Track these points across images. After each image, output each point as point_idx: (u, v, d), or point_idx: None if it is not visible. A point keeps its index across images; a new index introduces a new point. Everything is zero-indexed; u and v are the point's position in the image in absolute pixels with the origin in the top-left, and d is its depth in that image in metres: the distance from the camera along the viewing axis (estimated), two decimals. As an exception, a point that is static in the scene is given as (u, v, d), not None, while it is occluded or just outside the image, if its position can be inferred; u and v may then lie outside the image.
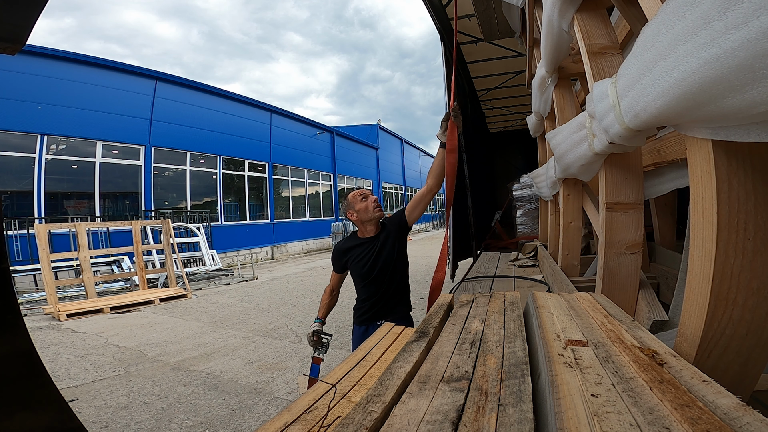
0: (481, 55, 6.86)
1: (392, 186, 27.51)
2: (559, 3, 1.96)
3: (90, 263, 7.58)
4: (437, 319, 1.32)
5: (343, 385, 1.12)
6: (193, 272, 9.99)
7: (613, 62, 1.74)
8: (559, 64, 2.84)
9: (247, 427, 2.82)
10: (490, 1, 4.75)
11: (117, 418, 3.00)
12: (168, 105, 11.87)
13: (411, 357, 0.98)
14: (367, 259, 2.17)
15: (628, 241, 1.69)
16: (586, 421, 0.62)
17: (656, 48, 0.89)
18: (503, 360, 0.93)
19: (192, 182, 12.60)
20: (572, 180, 2.79)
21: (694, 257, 1.00)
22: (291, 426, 0.92)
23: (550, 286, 2.98)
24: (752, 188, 0.88)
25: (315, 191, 19.25)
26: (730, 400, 0.65)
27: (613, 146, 1.50)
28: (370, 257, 2.16)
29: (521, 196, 7.12)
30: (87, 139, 9.93)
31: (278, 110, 16.62)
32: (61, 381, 3.74)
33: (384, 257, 2.16)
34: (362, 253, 2.18)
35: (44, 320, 6.20)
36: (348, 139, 22.13)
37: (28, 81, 8.85)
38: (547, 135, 2.89)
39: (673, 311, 1.63)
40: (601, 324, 1.11)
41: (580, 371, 0.80)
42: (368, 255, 2.17)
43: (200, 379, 3.69)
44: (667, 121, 1.09)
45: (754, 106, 0.63)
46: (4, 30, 0.79)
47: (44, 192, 9.13)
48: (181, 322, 5.87)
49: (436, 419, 0.69)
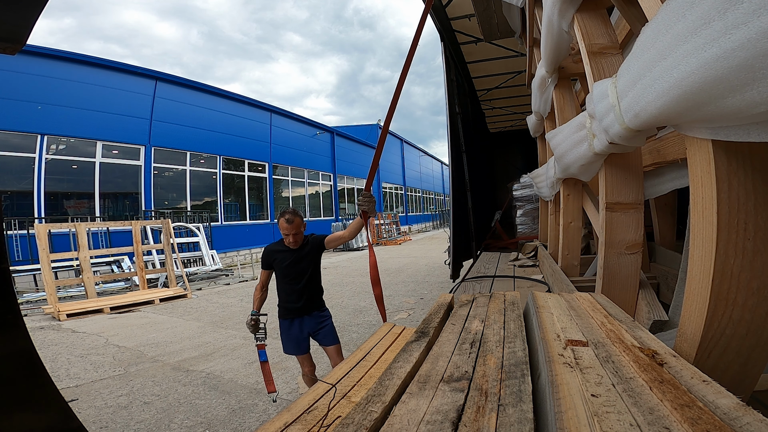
0: (481, 55, 6.86)
1: (392, 186, 27.51)
2: (559, 3, 1.96)
3: (90, 263, 7.58)
4: (437, 319, 1.32)
5: (343, 385, 1.12)
6: (193, 272, 9.99)
7: (613, 62, 1.74)
8: (559, 64, 2.84)
9: (247, 427, 2.82)
10: (490, 1, 4.74)
11: (117, 418, 3.00)
12: (168, 105, 11.87)
13: (411, 357, 0.98)
14: (289, 263, 2.71)
15: (628, 241, 1.69)
16: (586, 421, 0.62)
17: (656, 48, 0.89)
18: (503, 360, 0.93)
19: (192, 182, 12.61)
20: (572, 180, 2.79)
21: (694, 257, 1.00)
22: (291, 426, 0.92)
23: (550, 286, 2.98)
24: (752, 188, 0.88)
25: (315, 191, 19.26)
26: (730, 400, 0.65)
27: (613, 146, 1.50)
28: (291, 262, 2.71)
29: (521, 196, 7.12)
30: (87, 139, 9.94)
31: (278, 110, 16.63)
32: (61, 381, 3.74)
33: (302, 265, 2.73)
34: (285, 258, 2.73)
35: (44, 320, 6.20)
36: (348, 139, 22.14)
37: (28, 81, 8.85)
38: (547, 135, 2.89)
39: (673, 311, 1.63)
40: (601, 324, 1.11)
41: (580, 371, 0.81)
42: (290, 260, 2.72)
43: (200, 379, 3.69)
44: (667, 121, 1.09)
45: (754, 106, 0.63)
46: (4, 30, 0.79)
47: (44, 192, 9.13)
48: (181, 322, 5.87)
49: (436, 419, 0.69)
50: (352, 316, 5.73)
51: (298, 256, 2.73)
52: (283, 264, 2.74)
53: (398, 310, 5.92)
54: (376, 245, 18.42)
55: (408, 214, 29.13)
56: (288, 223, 2.68)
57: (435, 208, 35.83)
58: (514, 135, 10.57)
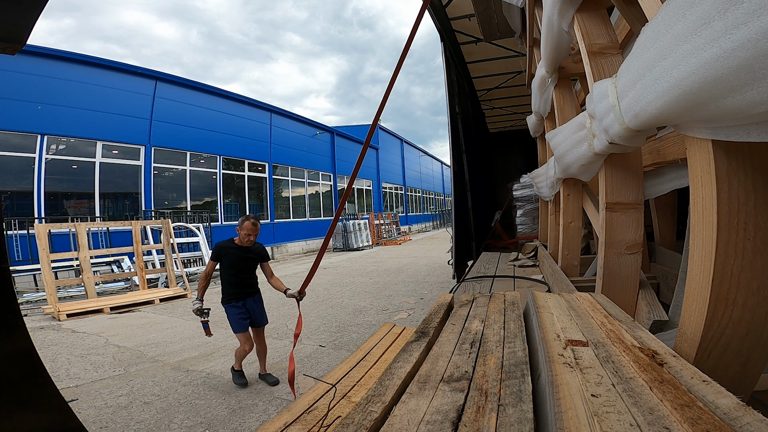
0: (481, 55, 6.86)
1: (392, 186, 27.50)
2: (559, 3, 1.96)
3: (90, 263, 7.57)
4: (437, 319, 1.32)
5: (343, 385, 1.12)
6: (193, 272, 9.98)
7: (613, 62, 1.74)
8: (559, 64, 2.84)
9: (247, 427, 2.82)
10: (490, 1, 4.75)
11: (117, 418, 3.00)
12: (168, 105, 11.87)
13: (411, 357, 0.98)
14: (238, 258, 3.39)
15: (628, 241, 1.69)
16: (586, 421, 0.62)
17: (656, 48, 0.89)
18: (503, 360, 0.93)
19: (192, 182, 12.60)
20: (572, 180, 2.79)
21: (694, 257, 1.00)
22: (291, 426, 0.92)
23: (550, 286, 2.98)
24: (752, 188, 0.88)
25: (315, 191, 19.26)
26: (730, 400, 0.65)
27: (613, 146, 1.50)
28: (240, 258, 3.40)
29: (521, 196, 7.12)
30: (87, 139, 9.93)
31: (278, 110, 16.62)
32: (61, 381, 3.74)
33: (247, 261, 3.45)
34: (236, 254, 3.39)
35: (44, 320, 6.20)
36: (348, 139, 22.13)
37: (28, 81, 8.84)
38: (547, 135, 2.90)
39: (673, 311, 1.63)
40: (601, 324, 1.11)
41: (580, 371, 0.81)
42: (239, 256, 3.40)
43: (200, 379, 3.69)
44: (667, 121, 1.09)
45: (754, 106, 0.63)
46: (4, 30, 0.79)
47: (44, 192, 9.12)
48: (181, 322, 5.87)
49: (436, 419, 0.69)
50: (352, 316, 5.73)
51: (248, 254, 3.43)
52: (234, 258, 3.37)
53: (398, 310, 5.92)
54: (376, 245, 18.42)
55: (408, 214, 29.14)
56: (253, 227, 3.35)
57: (435, 208, 35.83)
58: (514, 135, 10.57)
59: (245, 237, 3.35)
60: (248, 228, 3.33)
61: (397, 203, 28.23)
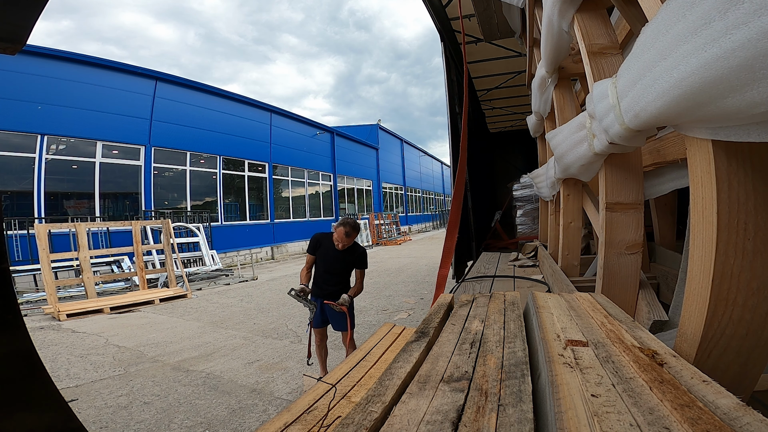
0: (481, 55, 6.86)
1: (392, 186, 27.49)
2: (559, 3, 1.96)
3: (90, 263, 7.57)
4: (437, 319, 1.32)
5: (343, 385, 1.12)
6: (193, 272, 9.98)
7: (613, 62, 1.74)
8: (559, 64, 2.84)
9: (247, 427, 2.82)
10: (490, 1, 4.75)
11: (117, 418, 3.00)
12: (168, 105, 11.86)
13: (411, 357, 0.98)
14: (333, 256, 3.24)
15: (628, 241, 1.69)
16: (586, 421, 0.62)
17: (656, 48, 0.89)
18: (503, 360, 0.93)
19: (192, 182, 12.60)
20: (572, 180, 2.79)
21: (694, 257, 1.00)
22: (291, 426, 0.92)
23: (550, 286, 2.98)
24: (752, 188, 0.88)
25: (315, 191, 19.25)
26: (730, 400, 0.65)
27: (613, 146, 1.50)
28: (335, 256, 3.24)
29: (521, 196, 7.12)
30: (87, 139, 9.93)
31: (278, 110, 16.61)
32: (61, 381, 3.74)
33: (342, 262, 3.27)
34: (331, 251, 3.23)
35: (44, 320, 6.20)
36: (348, 139, 22.12)
37: (28, 81, 8.84)
38: (547, 135, 2.90)
39: (673, 311, 1.63)
40: (601, 324, 1.11)
41: (580, 371, 0.81)
42: (335, 254, 3.23)
43: (200, 379, 3.69)
44: (667, 121, 1.09)
45: (754, 106, 0.63)
46: (4, 30, 0.79)
47: (44, 192, 9.12)
48: (181, 322, 5.87)
49: (436, 419, 0.69)
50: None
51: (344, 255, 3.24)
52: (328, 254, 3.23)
53: (398, 310, 5.92)
54: (376, 245, 18.42)
55: (408, 214, 29.13)
56: (347, 237, 3.12)
57: (435, 208, 35.83)
58: (514, 135, 10.57)
59: (336, 241, 3.16)
60: (339, 235, 3.11)
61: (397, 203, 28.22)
